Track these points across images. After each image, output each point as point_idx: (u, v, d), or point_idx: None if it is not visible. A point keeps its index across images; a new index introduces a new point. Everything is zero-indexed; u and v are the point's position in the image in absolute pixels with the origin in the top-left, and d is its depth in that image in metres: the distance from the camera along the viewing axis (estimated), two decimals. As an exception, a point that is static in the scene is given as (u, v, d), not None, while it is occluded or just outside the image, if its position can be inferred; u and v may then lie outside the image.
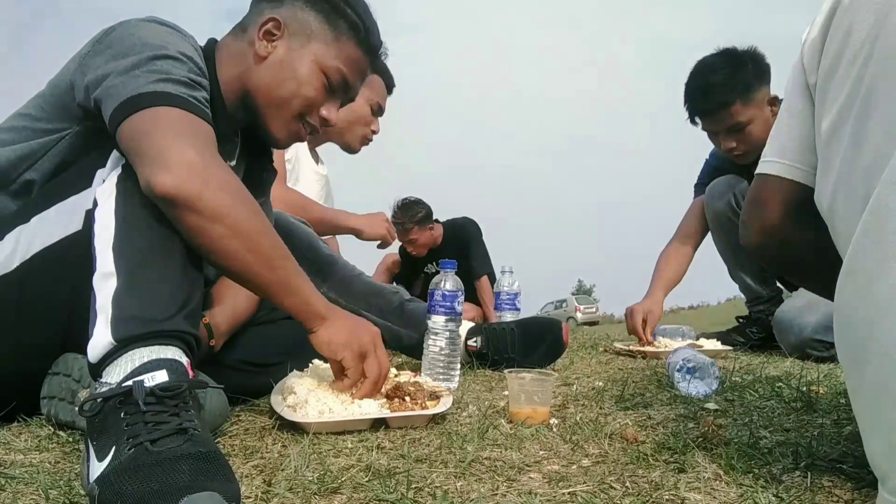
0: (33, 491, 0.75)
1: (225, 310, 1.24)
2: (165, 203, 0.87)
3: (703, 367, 1.32)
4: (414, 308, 1.73)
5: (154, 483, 0.63)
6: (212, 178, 0.88)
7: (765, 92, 2.09)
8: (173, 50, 0.99)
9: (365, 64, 1.26)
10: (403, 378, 1.22)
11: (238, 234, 0.90)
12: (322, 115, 1.21)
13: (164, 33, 1.03)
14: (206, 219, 0.87)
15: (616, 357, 2.06)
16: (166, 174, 0.85)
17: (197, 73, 1.01)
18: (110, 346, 0.78)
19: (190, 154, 0.88)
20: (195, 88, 0.98)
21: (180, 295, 0.85)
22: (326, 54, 1.19)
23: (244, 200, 0.93)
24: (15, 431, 1.01)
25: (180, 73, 0.97)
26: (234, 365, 1.23)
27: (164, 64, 0.96)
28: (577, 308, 27.71)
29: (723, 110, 2.09)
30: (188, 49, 1.03)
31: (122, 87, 0.93)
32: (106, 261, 0.85)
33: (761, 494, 0.73)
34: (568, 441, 0.98)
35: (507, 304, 2.10)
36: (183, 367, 0.79)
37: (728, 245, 2.36)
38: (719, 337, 2.29)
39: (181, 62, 0.99)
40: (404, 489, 0.75)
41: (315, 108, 1.20)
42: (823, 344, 2.00)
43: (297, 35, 1.18)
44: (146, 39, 0.99)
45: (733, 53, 2.11)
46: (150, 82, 0.93)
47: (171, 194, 0.85)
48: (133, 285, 0.83)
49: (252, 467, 0.85)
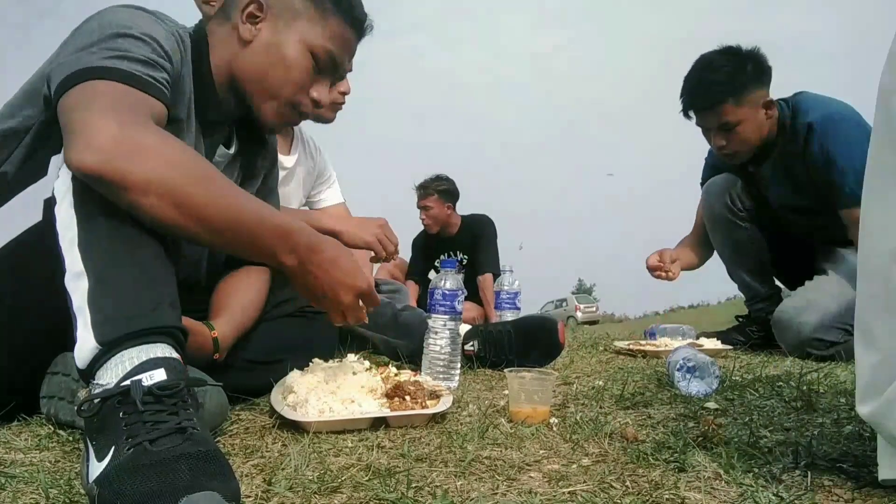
0: (33, 490, 0.75)
1: (232, 321, 1.22)
2: (93, 183, 0.82)
3: (703, 367, 1.32)
4: (407, 317, 1.73)
5: (153, 483, 0.63)
6: (134, 150, 0.82)
7: (761, 94, 2.09)
8: (137, 31, 0.97)
9: (352, 39, 1.23)
10: (403, 377, 1.22)
11: (174, 201, 0.83)
12: (312, 97, 1.19)
13: (135, 16, 1.00)
14: (136, 192, 0.81)
15: (616, 356, 2.07)
16: (86, 153, 0.80)
17: (161, 56, 0.98)
18: (96, 349, 0.76)
19: (111, 128, 0.82)
20: (153, 68, 0.95)
21: (156, 289, 0.82)
22: (312, 33, 1.16)
23: (175, 162, 0.85)
24: (15, 430, 1.02)
25: (140, 53, 0.94)
26: (235, 363, 1.23)
27: (123, 42, 0.94)
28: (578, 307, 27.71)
29: (714, 108, 2.10)
30: (158, 32, 1.00)
31: (73, 63, 0.90)
32: (74, 260, 0.81)
33: (761, 494, 0.73)
34: (568, 440, 0.98)
35: (507, 304, 2.11)
36: (180, 364, 0.78)
37: (726, 243, 2.37)
38: (719, 336, 2.29)
39: (143, 42, 0.96)
40: (404, 488, 0.75)
41: (305, 91, 1.18)
42: (823, 343, 2.00)
43: (281, 15, 1.16)
44: (113, 20, 0.97)
45: (734, 52, 2.11)
46: (102, 59, 0.90)
47: (93, 173, 0.80)
48: (106, 284, 0.79)
49: (252, 466, 0.85)
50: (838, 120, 2.01)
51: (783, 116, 2.12)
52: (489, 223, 3.93)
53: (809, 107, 2.07)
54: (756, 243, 2.32)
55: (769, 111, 2.10)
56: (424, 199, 3.85)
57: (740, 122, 2.08)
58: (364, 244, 1.92)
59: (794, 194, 2.17)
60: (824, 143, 2.00)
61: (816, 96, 2.15)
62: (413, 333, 1.65)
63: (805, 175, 2.08)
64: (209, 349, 1.15)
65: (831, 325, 2.01)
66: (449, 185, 3.88)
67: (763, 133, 2.11)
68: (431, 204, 3.83)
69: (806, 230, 2.27)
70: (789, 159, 2.12)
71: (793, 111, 2.11)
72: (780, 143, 2.14)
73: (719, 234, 2.36)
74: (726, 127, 2.10)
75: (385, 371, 1.24)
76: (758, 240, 2.31)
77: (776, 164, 2.17)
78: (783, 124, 2.12)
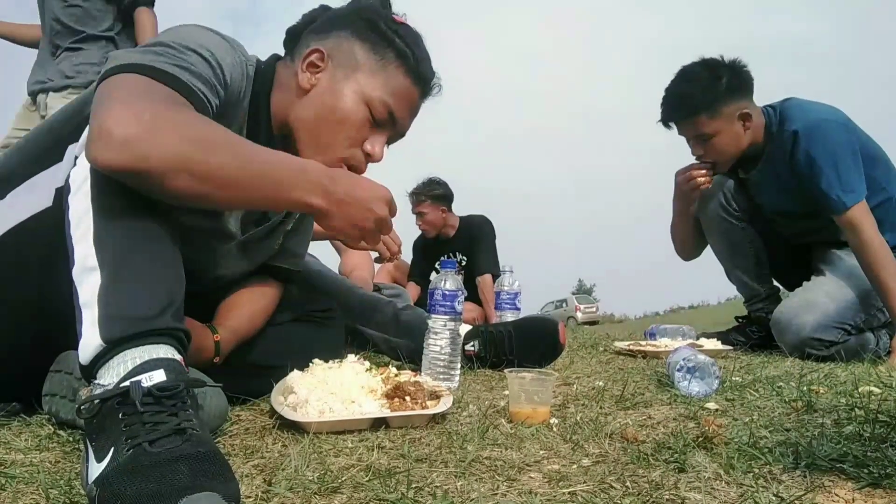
0: (33, 490, 0.75)
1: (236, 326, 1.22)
2: (117, 177, 0.80)
3: (703, 367, 1.32)
4: (408, 317, 1.73)
5: (153, 484, 0.63)
6: (154, 134, 0.80)
7: (738, 106, 2.10)
8: (207, 52, 0.96)
9: (415, 95, 1.19)
10: (403, 378, 1.22)
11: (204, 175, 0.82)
12: (366, 150, 1.13)
13: (210, 38, 0.99)
14: (167, 177, 0.80)
15: (616, 357, 2.07)
16: (104, 148, 0.78)
17: (220, 82, 0.97)
18: (100, 347, 0.76)
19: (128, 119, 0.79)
20: (207, 86, 0.93)
21: (167, 290, 0.81)
22: (371, 85, 1.12)
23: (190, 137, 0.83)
24: (15, 431, 1.02)
25: (201, 70, 0.93)
26: (237, 366, 1.23)
27: (190, 56, 0.93)
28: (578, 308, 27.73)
29: (688, 119, 2.13)
30: (226, 59, 0.98)
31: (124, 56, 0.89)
32: (86, 254, 0.80)
33: (761, 494, 0.73)
34: (568, 441, 0.98)
35: (507, 304, 2.11)
36: (180, 366, 0.78)
37: (723, 244, 2.37)
38: (719, 337, 2.29)
39: (209, 64, 0.95)
40: (404, 489, 0.75)
41: (357, 143, 1.13)
42: (822, 343, 2.00)
43: (342, 66, 1.13)
44: (185, 34, 0.96)
45: (711, 64, 2.13)
46: (153, 59, 0.89)
47: (115, 168, 0.79)
48: (118, 281, 0.79)
49: (252, 467, 0.85)
50: (823, 126, 2.02)
51: (770, 123, 2.14)
52: (487, 224, 3.92)
53: (795, 114, 2.09)
54: (752, 243, 2.32)
55: (747, 123, 2.11)
56: (419, 206, 3.82)
57: (716, 133, 2.11)
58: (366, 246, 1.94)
59: (784, 200, 2.18)
60: (809, 150, 2.01)
61: (802, 102, 2.16)
62: (414, 333, 1.65)
63: (793, 181, 2.08)
64: (210, 352, 1.15)
65: (830, 325, 2.01)
66: (442, 188, 3.84)
67: (741, 144, 2.14)
68: (426, 210, 3.81)
69: (799, 233, 2.28)
70: (777, 166, 2.13)
71: (780, 118, 2.12)
72: (768, 150, 2.15)
73: (715, 235, 2.37)
74: (702, 138, 2.13)
75: (385, 371, 1.24)
76: (754, 239, 2.31)
77: (764, 171, 2.18)
78: (770, 132, 2.13)
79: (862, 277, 2.00)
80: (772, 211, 2.26)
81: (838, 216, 1.99)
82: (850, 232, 1.99)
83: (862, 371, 1.58)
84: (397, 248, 1.97)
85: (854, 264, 2.03)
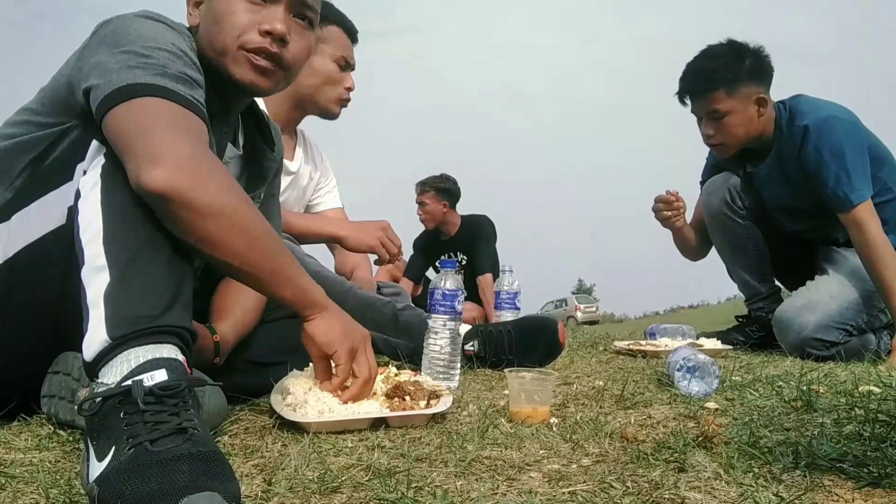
0: (33, 490, 0.75)
1: (233, 325, 1.23)
2: (156, 199, 0.84)
3: (703, 367, 1.32)
4: (407, 317, 1.73)
5: (154, 483, 0.63)
6: (203, 173, 0.86)
7: (756, 90, 2.10)
8: (168, 43, 0.98)
9: None
10: (403, 377, 1.22)
11: (232, 228, 0.89)
12: (265, 29, 1.11)
13: (160, 28, 1.02)
14: (198, 214, 0.85)
15: (616, 356, 2.07)
16: (157, 169, 0.83)
17: (192, 68, 0.99)
18: (105, 343, 0.77)
19: (182, 148, 0.86)
20: (191, 86, 0.96)
21: (173, 290, 0.83)
22: None
23: (237, 194, 0.92)
24: (15, 430, 1.02)
25: (176, 68, 0.95)
26: (235, 364, 1.23)
27: (160, 56, 0.95)
28: (578, 307, 27.74)
29: (705, 94, 2.12)
30: (183, 43, 1.01)
31: (115, 74, 0.91)
32: (95, 254, 0.82)
33: (761, 494, 0.73)
34: (568, 440, 0.98)
35: (507, 304, 2.11)
36: (181, 365, 0.78)
37: (725, 241, 2.37)
38: (719, 336, 2.29)
39: (177, 56, 0.98)
40: (404, 488, 0.75)
41: (252, 28, 1.11)
42: (823, 343, 2.00)
43: None
44: (141, 31, 0.98)
45: (737, 45, 2.14)
46: (146, 74, 0.92)
47: (161, 190, 0.83)
48: (126, 281, 0.81)
49: (252, 466, 0.85)
50: (834, 123, 2.02)
51: (780, 118, 2.13)
52: (488, 223, 3.96)
53: (805, 110, 2.09)
54: (755, 241, 2.32)
55: (762, 108, 2.11)
56: (421, 195, 3.94)
57: (729, 112, 2.09)
58: (367, 248, 1.92)
59: (791, 195, 2.18)
60: (819, 146, 2.01)
61: (813, 100, 2.16)
62: (413, 333, 1.65)
63: (801, 177, 2.08)
64: (210, 353, 1.15)
65: (832, 326, 2.01)
66: (449, 184, 3.94)
67: (752, 129, 2.13)
68: (427, 200, 3.92)
69: (802, 231, 2.28)
70: (785, 161, 2.13)
71: (790, 114, 2.12)
72: (777, 144, 2.14)
73: (718, 232, 2.37)
74: (715, 115, 2.12)
75: (385, 371, 1.24)
76: (757, 238, 2.31)
77: (772, 166, 2.17)
78: (780, 126, 2.13)
79: (865, 278, 2.00)
80: (777, 207, 2.25)
81: (844, 214, 1.99)
82: (854, 230, 1.99)
83: (862, 371, 1.59)
84: (397, 249, 1.96)
85: (857, 264, 2.03)
